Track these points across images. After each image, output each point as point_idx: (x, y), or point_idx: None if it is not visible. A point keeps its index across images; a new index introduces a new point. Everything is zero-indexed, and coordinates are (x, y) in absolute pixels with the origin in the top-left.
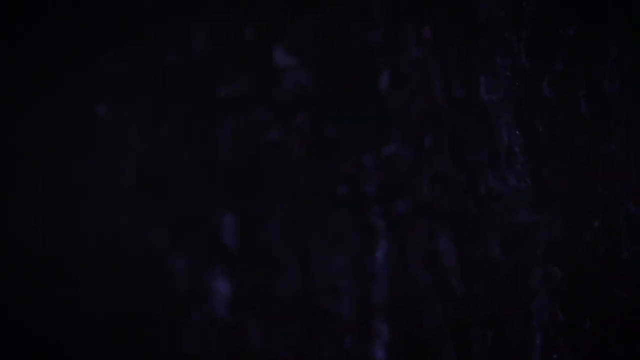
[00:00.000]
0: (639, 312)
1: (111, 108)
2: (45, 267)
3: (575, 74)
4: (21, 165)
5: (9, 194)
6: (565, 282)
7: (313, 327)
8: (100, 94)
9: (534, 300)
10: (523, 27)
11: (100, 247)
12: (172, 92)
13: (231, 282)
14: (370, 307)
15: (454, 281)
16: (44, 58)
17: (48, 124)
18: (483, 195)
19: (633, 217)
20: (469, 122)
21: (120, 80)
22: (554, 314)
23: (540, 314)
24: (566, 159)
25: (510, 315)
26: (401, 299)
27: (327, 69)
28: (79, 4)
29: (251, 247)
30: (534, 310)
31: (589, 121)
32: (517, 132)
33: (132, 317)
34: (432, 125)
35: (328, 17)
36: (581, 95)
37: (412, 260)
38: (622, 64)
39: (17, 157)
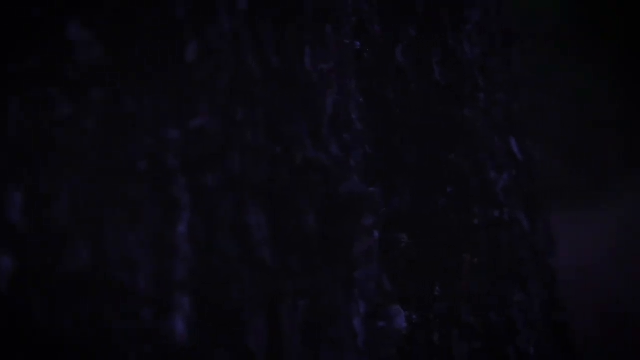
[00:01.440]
0: (489, 279)
1: None
2: None
3: (429, 40)
4: None
5: None
6: (413, 249)
7: (107, 301)
8: None
9: (358, 270)
10: None
11: None
12: None
13: (14, 259)
14: (171, 281)
15: (265, 253)
16: None
17: None
18: (300, 166)
19: (491, 183)
20: (288, 93)
21: None
22: (381, 283)
23: (365, 283)
24: (419, 127)
25: (327, 286)
26: (206, 273)
27: (126, 43)
28: None
29: (38, 224)
30: (357, 279)
31: (444, 88)
32: (360, 100)
33: None
34: (244, 98)
35: None
36: (435, 61)
37: (218, 234)
38: (484, 28)
39: None
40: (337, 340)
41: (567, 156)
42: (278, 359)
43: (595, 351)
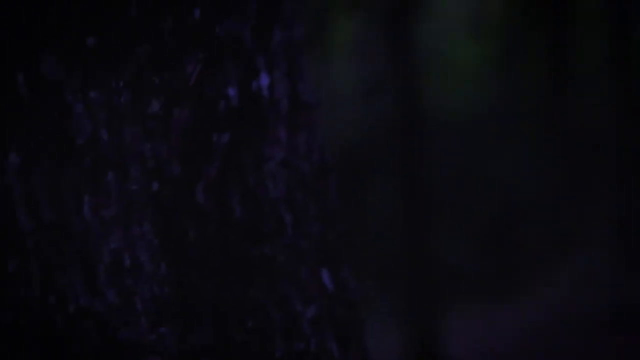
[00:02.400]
0: None
1: None
2: None
3: (229, 179)
4: None
5: None
6: None
7: None
8: None
9: None
10: (174, 135)
11: None
12: None
13: None
14: None
15: None
16: None
17: None
18: (73, 315)
19: (297, 316)
20: (63, 244)
21: None
22: None
23: None
24: (218, 264)
25: None
26: None
27: None
28: None
29: None
30: None
31: (244, 226)
32: (154, 241)
33: None
34: (17, 251)
35: None
36: (235, 200)
37: None
38: (291, 164)
39: None
40: None
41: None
42: None
43: None
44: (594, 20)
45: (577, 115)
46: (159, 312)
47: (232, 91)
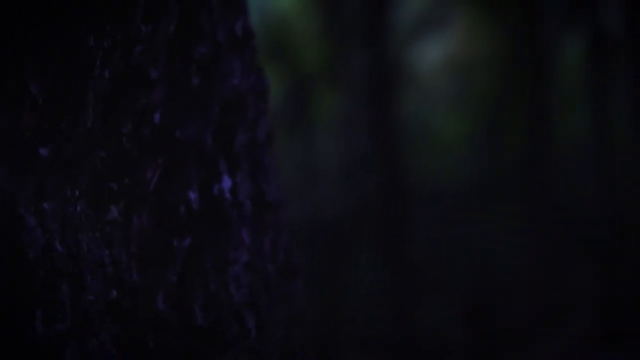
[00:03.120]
0: None
1: None
2: None
3: (190, 285)
4: None
5: None
6: None
7: None
8: None
9: None
10: (133, 241)
11: None
12: None
13: None
14: None
15: None
16: None
17: None
18: None
19: None
20: None
21: None
22: None
23: None
24: None
25: None
26: None
27: None
28: None
29: None
30: None
31: (206, 331)
32: (113, 351)
33: None
34: None
35: None
36: (197, 305)
37: None
38: (255, 267)
39: None
40: None
41: None
42: None
43: None
44: (575, 93)
45: (559, 188)
46: None
47: (192, 195)
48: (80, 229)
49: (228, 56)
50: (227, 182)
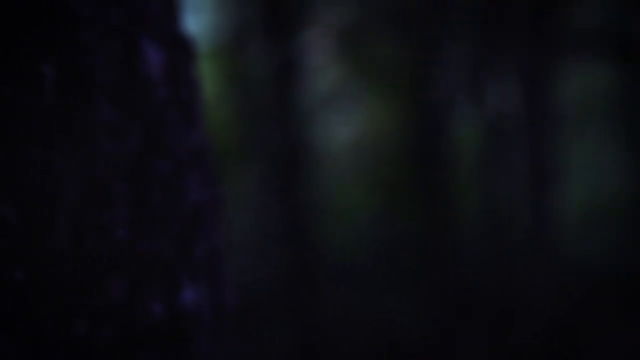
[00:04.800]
0: None
1: None
2: None
3: None
4: None
5: None
6: None
7: None
8: None
9: None
10: (97, 357)
11: None
12: None
13: None
14: None
15: None
16: None
17: None
18: None
19: None
20: None
21: None
22: None
23: None
24: None
25: None
26: None
27: None
28: None
29: None
30: None
31: None
32: None
33: None
34: None
35: None
36: None
37: None
38: None
39: None
40: None
41: None
42: None
43: None
44: (469, 172)
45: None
46: None
47: (157, 308)
48: (47, 346)
49: (187, 171)
50: (189, 293)
